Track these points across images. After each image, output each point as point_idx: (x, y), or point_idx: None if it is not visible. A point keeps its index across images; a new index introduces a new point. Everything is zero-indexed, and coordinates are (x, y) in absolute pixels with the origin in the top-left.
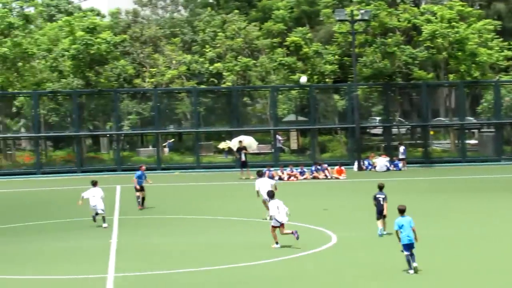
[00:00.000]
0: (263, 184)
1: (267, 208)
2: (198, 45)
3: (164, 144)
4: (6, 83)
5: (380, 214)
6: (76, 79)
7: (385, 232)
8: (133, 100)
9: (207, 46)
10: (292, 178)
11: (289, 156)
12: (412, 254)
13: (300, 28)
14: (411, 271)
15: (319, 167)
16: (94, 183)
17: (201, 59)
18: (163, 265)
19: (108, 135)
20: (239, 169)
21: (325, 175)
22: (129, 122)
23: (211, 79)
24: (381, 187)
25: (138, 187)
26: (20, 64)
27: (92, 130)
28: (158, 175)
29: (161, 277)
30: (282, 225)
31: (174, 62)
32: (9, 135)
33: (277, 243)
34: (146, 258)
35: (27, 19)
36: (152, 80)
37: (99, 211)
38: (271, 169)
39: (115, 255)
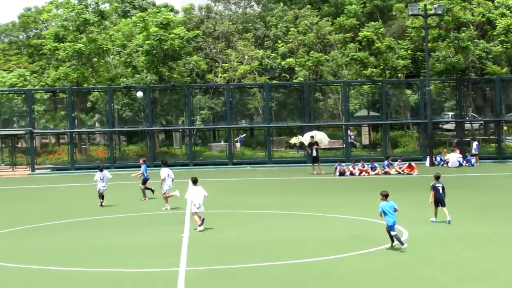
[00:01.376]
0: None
1: None
2: (270, 40)
3: (236, 139)
4: (81, 78)
5: (442, 203)
6: (150, 75)
7: (448, 219)
8: (205, 95)
9: (279, 41)
10: (363, 173)
11: (361, 151)
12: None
13: (373, 23)
14: (405, 245)
15: (391, 162)
16: (194, 181)
17: (273, 54)
18: (235, 259)
19: (180, 130)
20: (310, 164)
21: (397, 171)
22: (201, 117)
23: (283, 74)
24: (437, 177)
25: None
26: (95, 59)
27: (165, 125)
28: (230, 170)
29: (232, 271)
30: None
31: (246, 57)
32: (84, 129)
33: None
34: (217, 252)
35: (102, 15)
36: (225, 75)
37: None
38: (342, 164)
39: (187, 249)
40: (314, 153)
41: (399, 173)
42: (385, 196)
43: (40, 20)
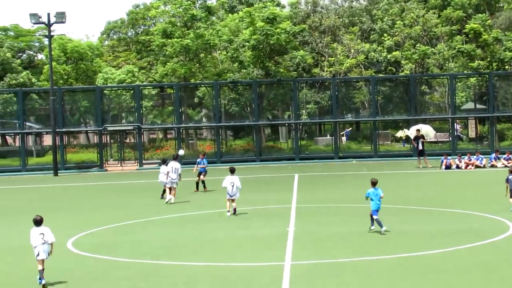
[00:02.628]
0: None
1: None
2: (376, 33)
3: (342, 133)
4: (188, 74)
5: None
6: (256, 69)
7: None
8: (311, 89)
9: (385, 34)
10: (470, 166)
11: (467, 144)
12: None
13: (480, 15)
14: (384, 228)
15: (499, 156)
16: (232, 170)
17: (379, 48)
18: (340, 254)
19: (286, 124)
20: (416, 158)
21: (503, 164)
22: (307, 111)
23: (389, 67)
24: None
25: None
26: (202, 55)
27: (271, 120)
28: (336, 164)
29: (337, 265)
30: None
31: (352, 51)
32: (191, 124)
33: None
34: (323, 247)
35: (209, 11)
36: (331, 69)
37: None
38: (449, 157)
39: (292, 243)
40: (420, 147)
41: (506, 166)
42: (373, 183)
43: (148, 16)
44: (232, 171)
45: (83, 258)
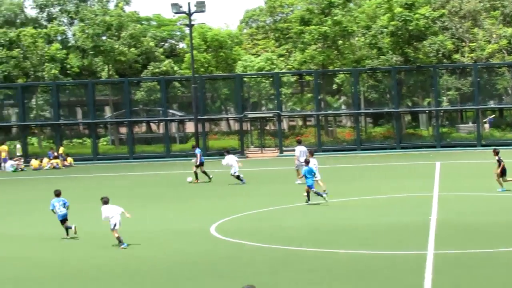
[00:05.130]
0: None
1: None
2: None
3: (484, 120)
4: (326, 61)
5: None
6: (395, 56)
7: None
8: (452, 76)
9: None
10: None
11: None
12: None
13: None
14: (325, 195)
15: None
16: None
17: None
18: (484, 244)
19: (427, 111)
20: None
21: None
22: (448, 98)
23: None
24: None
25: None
26: (340, 42)
27: (411, 107)
28: (478, 152)
29: (481, 255)
30: None
31: (494, 36)
32: (330, 112)
33: None
34: (466, 236)
35: None
36: (472, 55)
37: None
38: None
39: (435, 232)
40: None
41: None
42: (307, 162)
43: (286, 4)
44: (312, 153)
45: (225, 242)
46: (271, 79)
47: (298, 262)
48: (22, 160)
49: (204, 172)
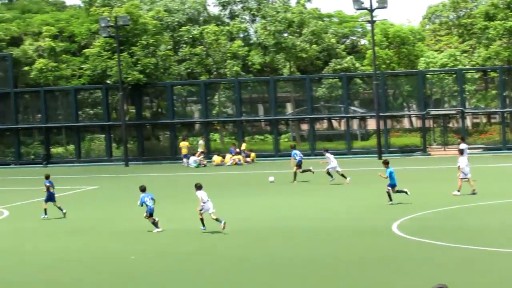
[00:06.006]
0: None
1: None
2: None
3: None
4: None
5: None
6: None
7: None
8: None
9: None
10: None
11: None
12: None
13: None
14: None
15: None
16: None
17: None
18: None
19: None
20: None
21: None
22: None
23: None
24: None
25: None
26: None
27: None
28: None
29: None
30: None
31: None
32: None
33: None
34: None
35: None
36: None
37: None
38: None
39: None
40: None
41: None
42: (386, 163)
43: None
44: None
45: (407, 241)
46: (454, 75)
47: (481, 262)
48: (202, 156)
49: (305, 171)
